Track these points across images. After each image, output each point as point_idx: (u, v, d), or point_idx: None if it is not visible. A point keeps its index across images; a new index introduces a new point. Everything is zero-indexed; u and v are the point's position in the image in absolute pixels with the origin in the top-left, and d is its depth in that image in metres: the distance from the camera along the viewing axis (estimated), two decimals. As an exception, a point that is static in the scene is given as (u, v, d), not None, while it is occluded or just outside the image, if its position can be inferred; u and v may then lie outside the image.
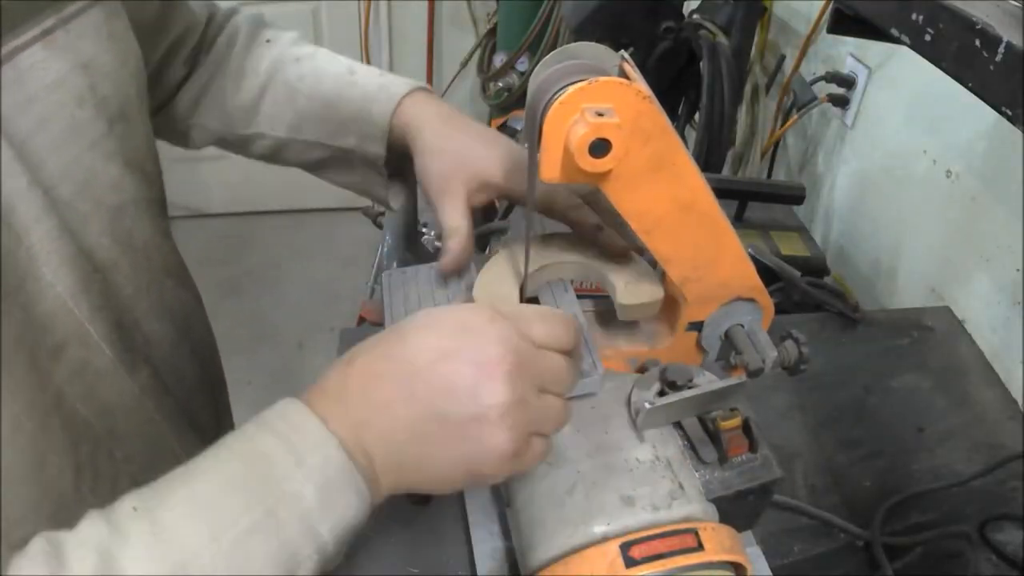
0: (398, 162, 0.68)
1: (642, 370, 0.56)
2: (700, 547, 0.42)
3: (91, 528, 0.36)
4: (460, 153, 0.60)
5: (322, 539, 0.37)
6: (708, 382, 0.50)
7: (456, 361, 0.40)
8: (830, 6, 0.79)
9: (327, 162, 0.69)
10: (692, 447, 0.49)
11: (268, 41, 0.70)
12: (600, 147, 0.43)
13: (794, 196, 1.13)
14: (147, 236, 0.57)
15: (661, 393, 0.50)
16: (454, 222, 0.59)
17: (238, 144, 0.71)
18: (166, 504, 0.36)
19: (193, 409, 0.65)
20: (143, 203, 0.56)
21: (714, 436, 0.49)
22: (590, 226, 0.59)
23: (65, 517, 0.49)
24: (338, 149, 0.67)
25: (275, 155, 0.70)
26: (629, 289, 0.57)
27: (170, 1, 0.63)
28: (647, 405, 0.48)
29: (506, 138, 0.64)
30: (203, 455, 0.38)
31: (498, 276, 0.59)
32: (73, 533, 0.36)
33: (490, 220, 1.21)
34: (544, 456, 0.43)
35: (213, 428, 0.70)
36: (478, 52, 2.60)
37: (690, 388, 0.49)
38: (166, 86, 0.69)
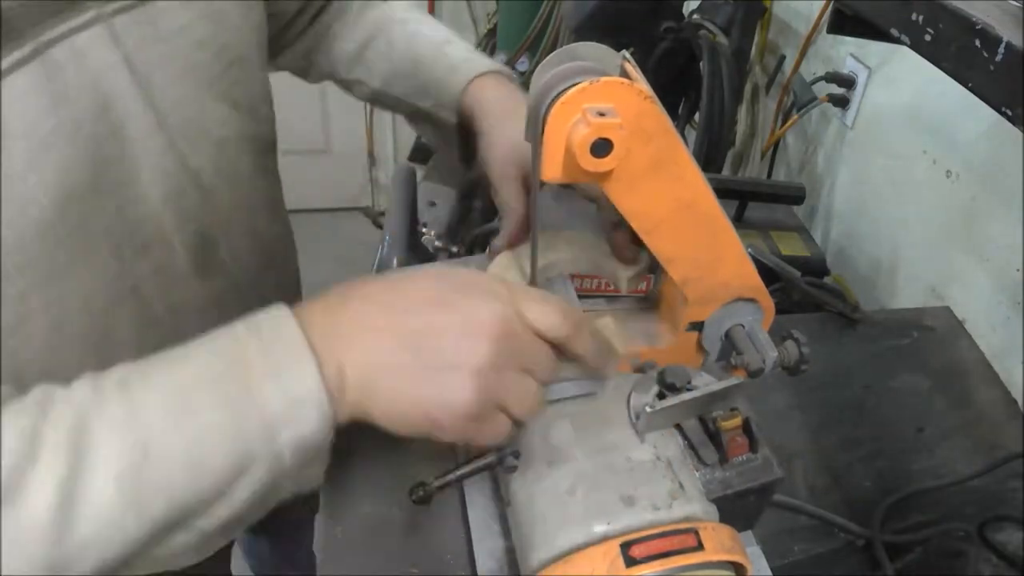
0: (468, 135, 0.75)
1: (640, 371, 0.56)
2: (700, 547, 0.42)
3: (79, 390, 0.38)
4: (516, 140, 0.63)
5: (278, 446, 0.39)
6: (706, 384, 0.50)
7: (450, 312, 0.42)
8: (830, 6, 0.79)
9: (413, 117, 0.78)
10: (692, 448, 0.49)
11: None
12: (602, 147, 0.43)
13: (794, 196, 1.13)
14: (248, 170, 0.63)
15: (660, 396, 0.50)
16: (512, 203, 0.65)
17: (344, 85, 0.80)
18: (146, 384, 0.39)
19: None
20: (247, 140, 0.62)
21: (714, 436, 0.49)
22: (610, 222, 0.61)
23: None
24: (418, 108, 0.75)
25: (373, 101, 0.80)
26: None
27: None
28: (648, 409, 0.48)
29: None
30: (197, 341, 0.41)
31: (504, 272, 0.61)
32: (66, 390, 0.39)
33: (490, 220, 1.21)
34: (503, 436, 0.44)
35: None
36: (478, 52, 2.60)
37: (688, 390, 0.49)
38: (280, 17, 0.75)
